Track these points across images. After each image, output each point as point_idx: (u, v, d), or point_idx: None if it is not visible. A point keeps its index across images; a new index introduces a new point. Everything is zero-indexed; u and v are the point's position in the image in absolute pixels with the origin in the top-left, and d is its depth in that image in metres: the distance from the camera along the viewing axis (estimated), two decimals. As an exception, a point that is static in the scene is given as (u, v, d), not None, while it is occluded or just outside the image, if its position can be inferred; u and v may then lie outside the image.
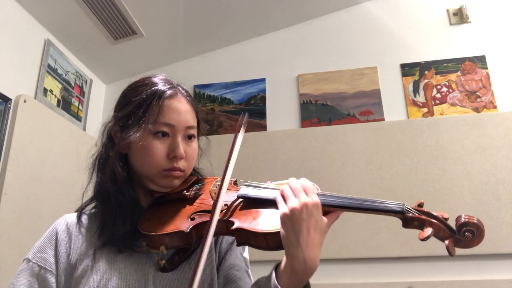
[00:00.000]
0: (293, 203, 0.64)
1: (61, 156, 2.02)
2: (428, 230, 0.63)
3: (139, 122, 0.78)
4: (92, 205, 0.86)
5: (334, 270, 2.04)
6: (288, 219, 0.63)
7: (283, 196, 0.67)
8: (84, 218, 0.84)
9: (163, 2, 2.20)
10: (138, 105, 0.80)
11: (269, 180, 0.82)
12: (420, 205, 0.69)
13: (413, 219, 0.66)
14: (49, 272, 0.75)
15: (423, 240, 0.63)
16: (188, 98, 0.85)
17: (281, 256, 0.67)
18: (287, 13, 2.58)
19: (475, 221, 0.62)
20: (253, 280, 0.83)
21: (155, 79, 0.85)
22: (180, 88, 0.86)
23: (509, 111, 2.22)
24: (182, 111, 0.81)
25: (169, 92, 0.81)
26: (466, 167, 2.13)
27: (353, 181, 2.21)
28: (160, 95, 0.80)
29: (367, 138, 2.28)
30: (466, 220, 0.63)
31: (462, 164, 2.14)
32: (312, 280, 0.73)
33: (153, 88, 0.81)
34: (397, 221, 0.68)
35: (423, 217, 0.66)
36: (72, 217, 0.83)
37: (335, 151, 2.28)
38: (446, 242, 0.63)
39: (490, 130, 2.17)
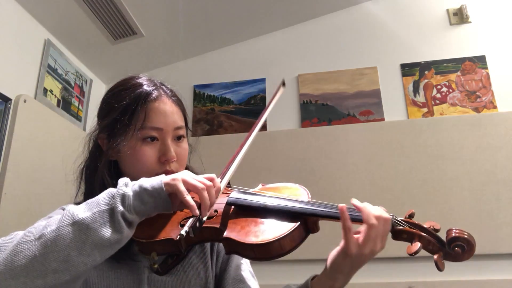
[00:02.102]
0: (368, 249, 0.63)
1: (61, 156, 2.02)
2: (416, 245, 0.62)
3: (126, 129, 0.76)
4: None
5: (334, 270, 2.04)
6: (357, 262, 0.64)
7: (365, 233, 0.64)
8: None
9: (163, 2, 2.20)
10: (122, 111, 0.77)
11: (261, 183, 0.82)
12: (411, 215, 0.68)
13: (402, 232, 0.65)
14: None
15: (411, 255, 0.61)
16: (173, 98, 0.83)
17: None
18: (287, 13, 2.58)
19: (465, 236, 0.61)
20: (257, 280, 0.84)
21: (136, 81, 0.82)
22: (164, 88, 0.83)
23: (509, 111, 2.22)
24: (169, 113, 0.79)
25: (153, 94, 0.79)
26: (466, 167, 2.13)
27: (353, 181, 2.21)
28: (144, 98, 0.77)
29: (367, 138, 2.28)
30: (457, 235, 0.62)
31: (462, 164, 2.14)
32: (312, 280, 0.73)
33: (137, 92, 0.79)
34: (396, 221, 0.68)
35: (413, 230, 0.65)
36: None
37: (335, 151, 2.28)
38: (435, 256, 0.62)
39: (490, 130, 2.17)
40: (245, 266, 0.85)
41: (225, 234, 0.68)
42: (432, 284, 1.95)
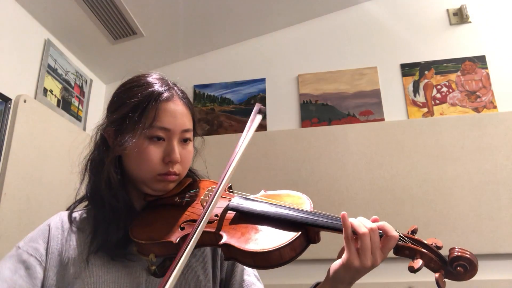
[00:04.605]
0: (368, 261, 0.64)
1: (61, 156, 2.02)
2: (418, 262, 0.62)
3: (134, 127, 0.75)
4: (84, 204, 0.84)
5: (334, 270, 2.04)
6: (359, 275, 0.66)
7: (360, 244, 0.64)
8: (77, 218, 0.82)
9: (163, 2, 2.20)
10: (133, 108, 0.77)
11: (264, 188, 0.81)
12: (414, 231, 0.68)
13: (404, 248, 0.65)
14: (37, 262, 0.73)
15: (412, 272, 0.61)
16: (184, 99, 0.82)
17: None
18: (287, 13, 2.58)
19: (467, 256, 0.61)
20: (262, 284, 0.84)
21: (150, 79, 0.82)
22: (176, 89, 0.83)
23: (509, 111, 2.22)
24: (179, 114, 0.79)
25: (165, 94, 0.79)
26: (466, 167, 2.13)
27: (353, 181, 2.21)
28: (156, 97, 0.77)
29: (367, 138, 2.28)
30: (459, 254, 0.61)
31: (462, 164, 2.14)
32: (311, 280, 0.73)
33: (149, 90, 0.78)
34: (396, 221, 0.68)
35: (415, 246, 0.64)
36: (67, 215, 0.82)
37: (335, 151, 2.28)
38: (436, 275, 0.62)
39: (490, 130, 2.17)
40: (251, 270, 0.85)
41: (225, 240, 0.67)
42: (432, 284, 1.94)
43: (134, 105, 0.77)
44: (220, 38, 2.65)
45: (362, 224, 0.64)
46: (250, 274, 0.84)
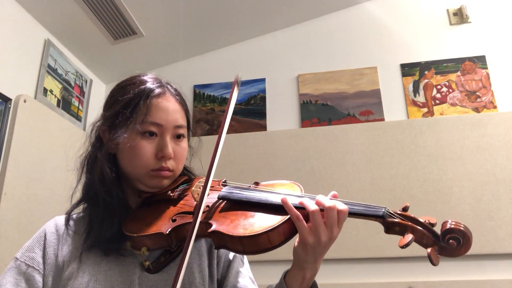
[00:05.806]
0: (324, 236, 0.64)
1: (61, 156, 2.02)
2: (408, 237, 0.59)
3: (126, 122, 0.76)
4: (81, 207, 0.85)
5: (334, 270, 2.04)
6: (319, 250, 0.64)
7: (310, 221, 0.64)
8: (73, 221, 0.83)
9: (163, 2, 2.20)
10: (125, 105, 0.78)
11: (257, 181, 0.82)
12: (405, 209, 0.65)
13: (394, 224, 0.62)
14: (36, 271, 0.74)
15: (402, 247, 0.58)
16: (177, 97, 0.83)
17: (276, 255, 0.66)
18: (287, 13, 2.58)
19: (461, 228, 0.58)
20: (257, 286, 0.84)
21: (143, 78, 0.83)
22: (169, 86, 0.84)
23: (509, 111, 2.22)
24: (171, 110, 0.79)
25: (157, 90, 0.80)
26: (466, 167, 2.13)
27: (353, 181, 2.21)
28: (147, 94, 0.78)
29: (367, 138, 2.28)
30: (452, 226, 0.58)
31: (462, 164, 2.14)
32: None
33: (141, 87, 0.80)
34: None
35: (405, 222, 0.61)
36: (62, 219, 0.83)
37: (335, 151, 2.28)
38: (429, 250, 0.59)
39: (490, 130, 2.17)
40: (246, 272, 0.84)
41: (214, 227, 0.67)
42: (432, 284, 1.95)
43: (126, 102, 0.78)
44: (220, 38, 2.65)
45: (310, 202, 0.65)
46: (244, 276, 0.83)
